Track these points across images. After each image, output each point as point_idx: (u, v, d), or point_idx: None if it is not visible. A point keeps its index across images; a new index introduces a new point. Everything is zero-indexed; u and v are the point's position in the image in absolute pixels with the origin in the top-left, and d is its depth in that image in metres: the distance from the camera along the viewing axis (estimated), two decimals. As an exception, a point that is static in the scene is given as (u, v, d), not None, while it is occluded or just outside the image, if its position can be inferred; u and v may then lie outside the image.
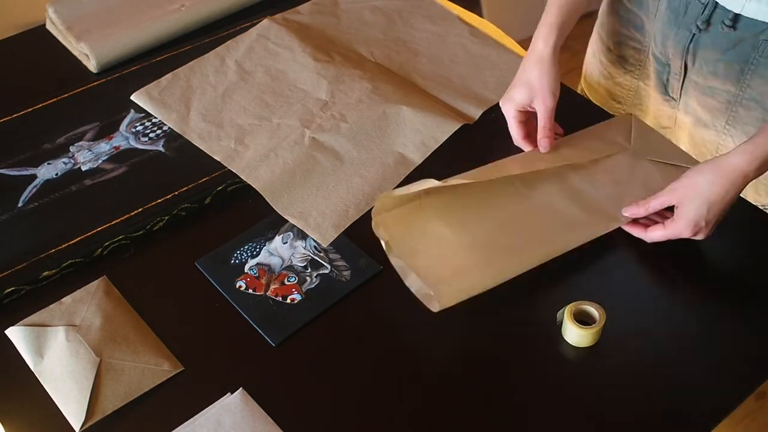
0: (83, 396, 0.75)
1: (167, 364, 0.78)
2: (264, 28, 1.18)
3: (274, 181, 0.95)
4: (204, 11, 1.20)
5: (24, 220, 0.91)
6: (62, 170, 0.97)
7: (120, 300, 0.84)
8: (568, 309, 0.79)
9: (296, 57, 1.12)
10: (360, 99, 1.05)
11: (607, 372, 0.78)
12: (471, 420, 0.74)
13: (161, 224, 0.91)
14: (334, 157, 0.99)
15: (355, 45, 1.17)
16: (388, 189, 0.95)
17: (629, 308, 0.83)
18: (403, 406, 0.76)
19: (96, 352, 0.78)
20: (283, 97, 1.07)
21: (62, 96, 1.08)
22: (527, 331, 0.82)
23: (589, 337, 0.78)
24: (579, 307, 0.79)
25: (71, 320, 0.81)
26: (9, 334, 0.81)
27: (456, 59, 1.14)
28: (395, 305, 0.84)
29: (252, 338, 0.81)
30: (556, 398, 0.76)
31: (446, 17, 1.22)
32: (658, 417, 0.74)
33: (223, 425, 0.73)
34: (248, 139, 1.01)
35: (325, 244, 0.89)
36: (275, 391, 0.77)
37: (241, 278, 0.86)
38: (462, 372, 0.78)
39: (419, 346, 0.80)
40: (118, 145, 1.01)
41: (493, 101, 1.07)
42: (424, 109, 1.03)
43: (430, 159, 0.99)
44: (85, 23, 1.17)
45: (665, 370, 0.78)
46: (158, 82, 1.09)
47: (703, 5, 0.91)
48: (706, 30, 0.92)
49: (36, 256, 0.87)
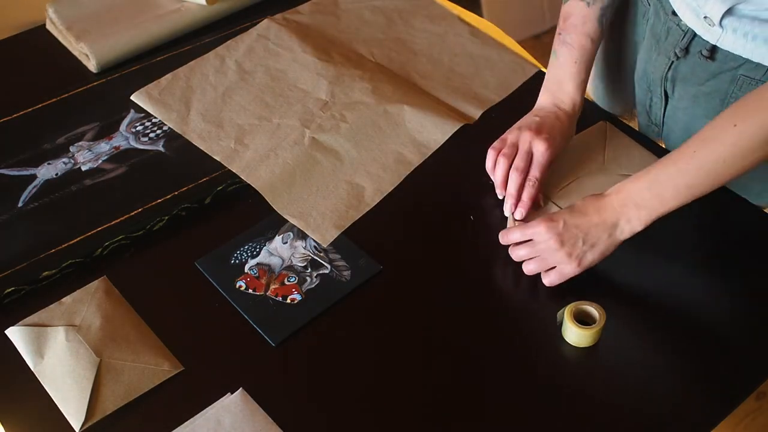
0: (83, 396, 0.75)
1: (167, 364, 0.78)
2: (264, 28, 1.18)
3: (274, 181, 0.95)
4: (204, 11, 1.20)
5: (24, 220, 0.91)
6: (62, 170, 0.97)
7: (120, 300, 0.84)
8: (568, 309, 0.79)
9: (296, 57, 1.12)
10: (360, 99, 1.05)
11: (606, 372, 0.78)
12: (471, 420, 0.74)
13: (161, 224, 0.91)
14: (334, 157, 0.99)
15: (355, 45, 1.17)
16: (388, 189, 0.95)
17: (629, 308, 0.83)
18: (402, 405, 0.76)
19: (96, 352, 0.78)
20: (283, 97, 1.07)
21: (62, 96, 1.08)
22: (527, 331, 0.82)
23: (589, 337, 0.78)
24: (579, 307, 0.79)
25: (71, 320, 0.81)
26: (9, 334, 0.81)
27: (456, 59, 1.14)
28: (395, 305, 0.84)
29: (252, 338, 0.81)
30: (555, 398, 0.76)
31: (446, 17, 1.22)
32: (657, 417, 0.74)
33: (223, 425, 0.73)
34: (248, 139, 1.01)
35: (325, 244, 0.89)
36: (275, 391, 0.77)
37: (241, 278, 0.86)
38: (461, 372, 0.78)
39: (419, 346, 0.80)
40: (118, 145, 1.01)
41: (493, 101, 1.07)
42: (424, 109, 1.03)
43: (430, 159, 0.99)
44: (85, 23, 1.17)
45: (664, 370, 0.78)
46: (158, 82, 1.09)
47: (683, 32, 0.89)
48: (685, 58, 0.91)
49: (36, 256, 0.87)
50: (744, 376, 0.77)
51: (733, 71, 0.87)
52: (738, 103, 0.77)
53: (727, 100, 0.89)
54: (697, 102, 0.93)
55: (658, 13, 0.94)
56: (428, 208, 0.94)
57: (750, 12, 0.81)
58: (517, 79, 1.11)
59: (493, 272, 0.87)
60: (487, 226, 0.91)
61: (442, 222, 0.92)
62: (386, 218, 0.92)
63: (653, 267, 0.87)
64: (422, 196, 0.95)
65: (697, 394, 0.76)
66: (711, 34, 0.86)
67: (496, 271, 0.87)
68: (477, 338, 0.81)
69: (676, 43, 0.91)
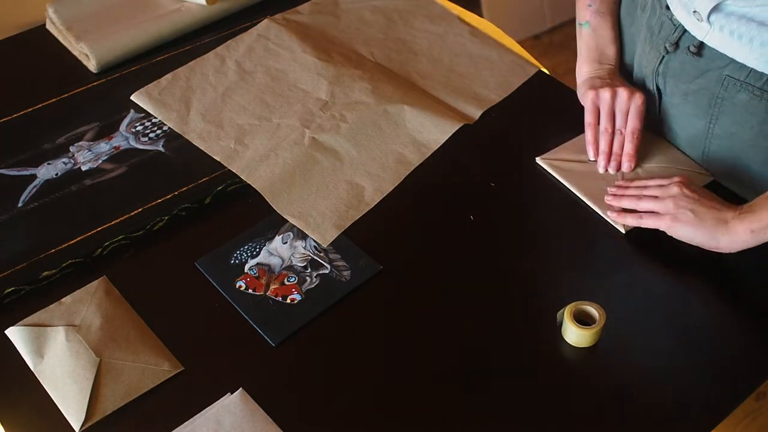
0: (83, 396, 0.75)
1: (167, 364, 0.78)
2: (264, 28, 1.18)
3: (274, 181, 0.95)
4: (204, 11, 1.20)
5: (24, 220, 0.91)
6: (62, 170, 0.97)
7: (120, 300, 0.84)
8: (568, 309, 0.79)
9: (296, 57, 1.12)
10: (360, 99, 1.05)
11: (605, 371, 0.78)
12: (471, 421, 0.74)
13: (161, 224, 0.91)
14: (334, 157, 0.99)
15: (355, 45, 1.17)
16: (388, 189, 0.95)
17: (628, 308, 0.83)
18: (402, 406, 0.76)
19: (96, 352, 0.78)
20: (283, 97, 1.07)
21: (62, 96, 1.08)
22: (527, 330, 0.82)
23: (589, 337, 0.78)
24: (579, 307, 0.79)
25: (71, 320, 0.81)
26: (9, 334, 0.81)
27: (456, 59, 1.14)
28: (395, 305, 0.84)
29: (252, 338, 0.81)
30: (555, 398, 0.76)
31: (446, 17, 1.22)
32: (657, 417, 0.74)
33: (223, 425, 0.73)
34: (248, 139, 1.01)
35: (325, 244, 0.89)
36: (275, 391, 0.77)
37: (241, 278, 0.86)
38: (461, 372, 0.78)
39: (419, 346, 0.80)
40: (118, 145, 1.01)
41: (493, 101, 1.07)
42: (424, 109, 1.03)
43: (430, 159, 0.99)
44: (85, 23, 1.17)
45: (664, 370, 0.78)
46: (158, 82, 1.09)
47: (674, 27, 0.91)
48: (675, 53, 0.92)
49: (36, 256, 0.87)
50: (744, 376, 0.77)
51: (719, 71, 0.87)
52: None
53: (715, 101, 0.89)
54: (687, 100, 0.93)
55: (654, 6, 0.95)
56: (428, 208, 0.94)
57: (738, 9, 0.82)
58: (517, 79, 1.11)
59: (493, 272, 0.87)
60: (487, 226, 0.92)
61: (442, 222, 0.92)
62: (386, 218, 0.93)
63: (652, 266, 0.87)
64: (422, 196, 0.95)
65: (696, 394, 0.76)
66: (699, 29, 0.87)
67: (497, 271, 0.87)
68: (477, 338, 0.81)
69: (668, 38, 0.92)
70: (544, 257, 0.89)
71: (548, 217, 0.94)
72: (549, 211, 0.94)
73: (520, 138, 1.02)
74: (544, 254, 0.89)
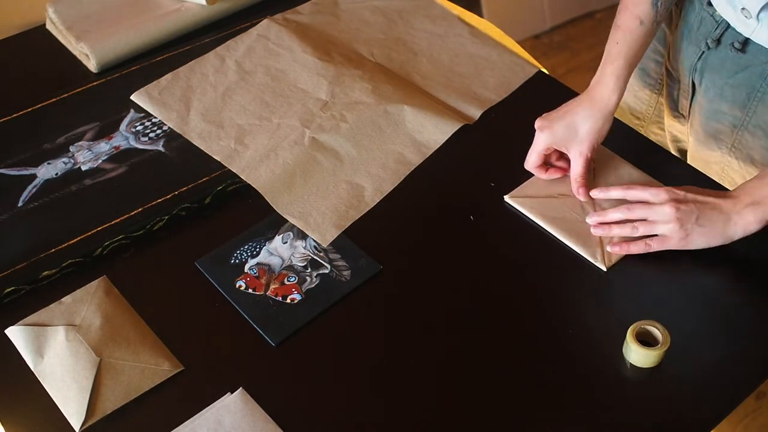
0: (83, 396, 0.75)
1: (167, 363, 0.78)
2: (264, 28, 1.18)
3: (274, 181, 0.95)
4: (204, 11, 1.20)
5: (24, 220, 0.91)
6: (62, 170, 0.97)
7: (120, 300, 0.84)
8: (630, 329, 0.77)
9: (296, 57, 1.12)
10: (360, 99, 1.05)
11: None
12: (472, 421, 0.74)
13: (161, 224, 0.91)
14: (334, 157, 0.99)
15: (355, 45, 1.17)
16: (388, 189, 0.95)
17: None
18: (403, 406, 0.76)
19: (96, 352, 0.78)
20: (283, 97, 1.07)
21: (62, 96, 1.08)
22: (523, 328, 0.82)
23: (651, 358, 0.76)
24: (642, 327, 0.78)
25: (71, 320, 0.81)
26: (9, 334, 0.81)
27: (456, 59, 1.14)
28: (395, 305, 0.84)
29: (252, 338, 0.81)
30: (555, 398, 0.76)
31: (446, 17, 1.22)
32: (656, 417, 0.74)
33: (223, 425, 0.73)
34: (248, 139, 1.01)
35: (325, 244, 0.89)
36: (275, 391, 0.77)
37: (241, 278, 0.86)
38: (461, 372, 0.78)
39: (419, 346, 0.80)
40: (118, 144, 1.01)
41: (493, 101, 1.07)
42: (424, 110, 1.03)
43: (430, 159, 0.99)
44: (85, 23, 1.17)
45: (664, 370, 0.78)
46: (158, 82, 1.09)
47: (716, 23, 0.91)
48: (716, 49, 0.92)
49: (36, 256, 0.87)
50: (744, 376, 0.77)
51: (763, 65, 0.88)
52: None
53: (755, 95, 0.90)
54: (723, 94, 0.94)
55: (692, 2, 0.95)
56: (428, 208, 0.94)
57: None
58: (517, 79, 1.11)
59: (493, 272, 0.87)
60: (487, 226, 0.92)
61: (442, 222, 0.92)
62: (386, 218, 0.93)
63: (652, 265, 0.87)
64: (422, 196, 0.95)
65: (696, 394, 0.76)
66: (746, 26, 0.87)
67: (497, 272, 0.87)
68: (476, 338, 0.81)
69: (708, 34, 0.92)
70: (544, 257, 0.89)
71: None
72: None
73: (520, 138, 1.02)
74: (544, 254, 0.89)
